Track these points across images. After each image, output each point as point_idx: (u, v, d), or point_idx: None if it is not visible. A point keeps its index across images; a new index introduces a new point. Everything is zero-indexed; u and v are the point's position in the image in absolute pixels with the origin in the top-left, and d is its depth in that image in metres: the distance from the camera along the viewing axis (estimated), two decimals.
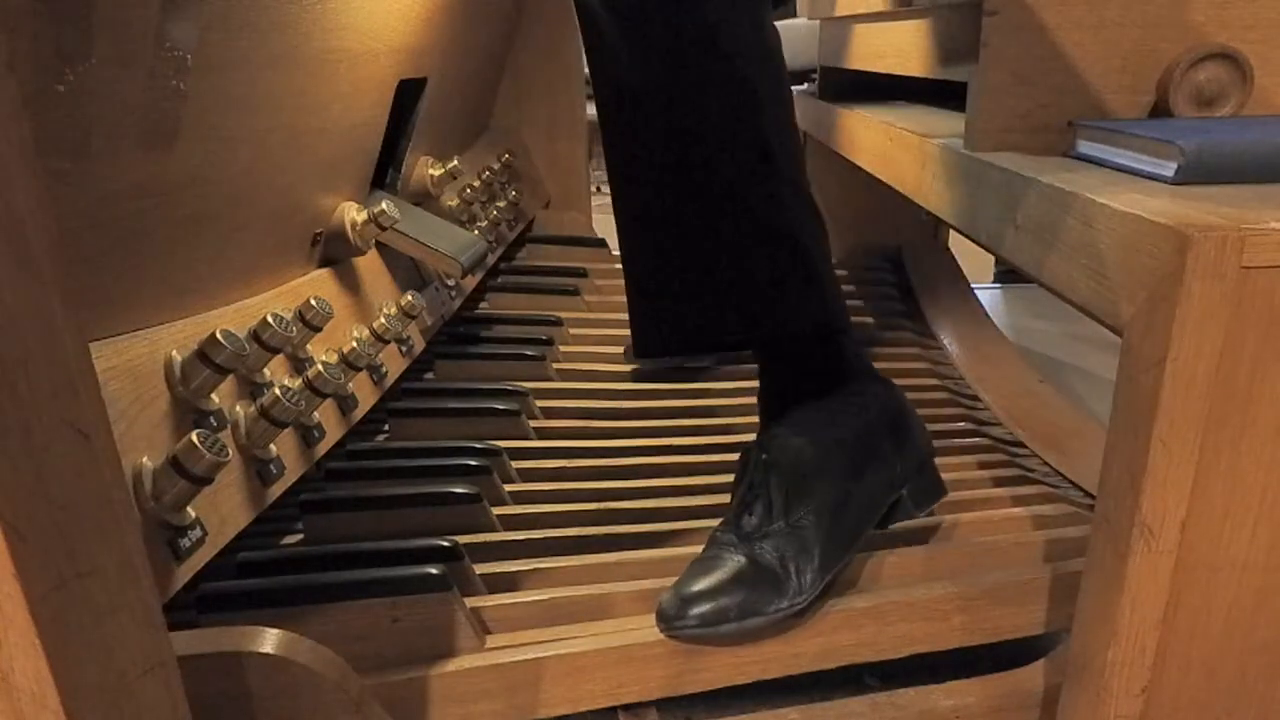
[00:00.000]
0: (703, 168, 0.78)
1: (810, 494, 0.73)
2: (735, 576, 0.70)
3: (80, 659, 0.38)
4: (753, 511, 0.73)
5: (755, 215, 0.77)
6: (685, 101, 0.78)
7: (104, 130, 0.54)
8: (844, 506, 0.74)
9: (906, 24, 1.14)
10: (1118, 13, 0.75)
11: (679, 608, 0.70)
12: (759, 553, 0.71)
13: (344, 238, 0.95)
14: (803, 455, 0.74)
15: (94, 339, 0.57)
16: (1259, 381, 0.51)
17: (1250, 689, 0.59)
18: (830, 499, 0.73)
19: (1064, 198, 0.62)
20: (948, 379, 1.32)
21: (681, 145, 0.78)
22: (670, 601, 0.71)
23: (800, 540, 0.72)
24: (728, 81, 0.77)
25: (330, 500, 0.86)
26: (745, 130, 0.78)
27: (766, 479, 0.74)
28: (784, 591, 0.70)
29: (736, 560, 0.71)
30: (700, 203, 0.78)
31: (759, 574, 0.70)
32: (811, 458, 0.74)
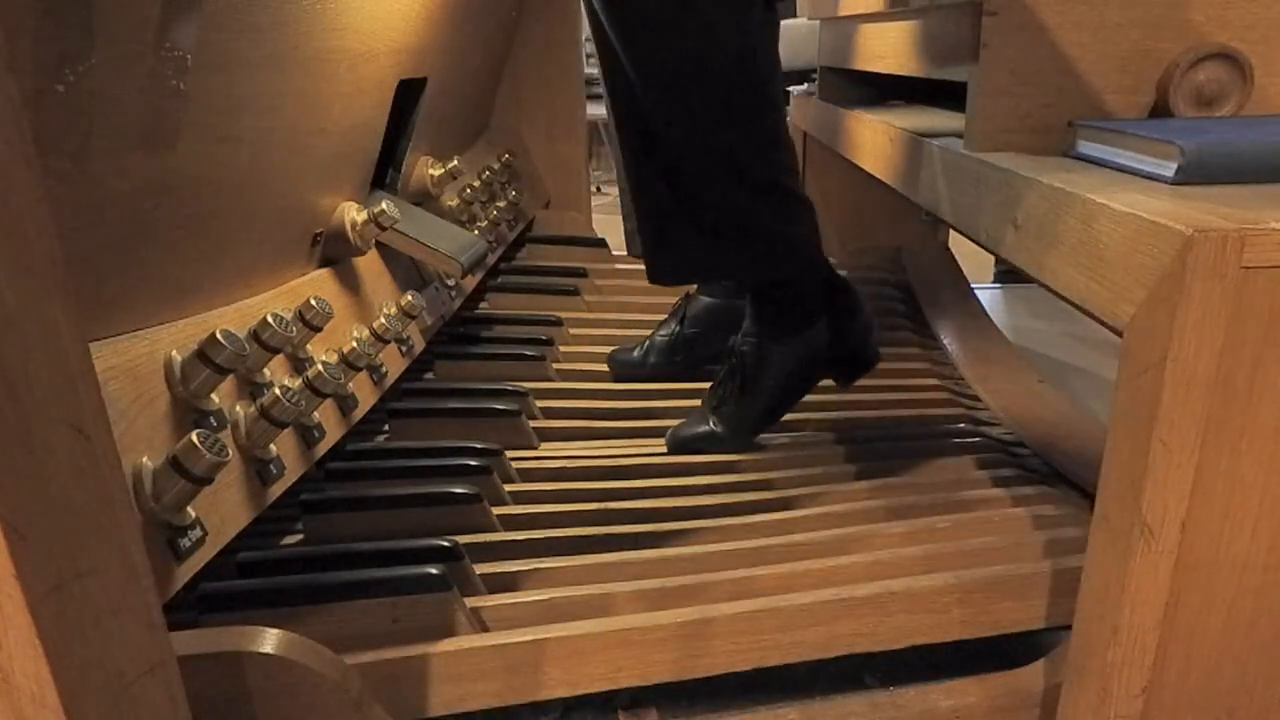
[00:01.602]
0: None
1: (753, 391, 1.06)
2: (703, 433, 1.08)
3: (80, 659, 0.38)
4: (716, 392, 1.09)
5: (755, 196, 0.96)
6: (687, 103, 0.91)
7: (104, 130, 0.54)
8: (765, 412, 1.08)
9: (906, 24, 1.14)
10: (1118, 13, 0.75)
11: (672, 443, 1.09)
12: (714, 420, 1.08)
13: (344, 238, 0.95)
14: (756, 364, 1.05)
15: (94, 339, 0.57)
16: (1259, 381, 0.51)
17: (1250, 689, 0.59)
18: (759, 406, 1.07)
19: (1064, 198, 0.62)
20: (948, 379, 1.32)
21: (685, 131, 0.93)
22: (669, 438, 1.09)
23: (732, 421, 1.07)
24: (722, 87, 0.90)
25: (330, 500, 0.86)
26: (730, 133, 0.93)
27: (732, 374, 1.06)
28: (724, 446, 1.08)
29: (705, 422, 1.08)
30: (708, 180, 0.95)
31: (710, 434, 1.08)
32: (760, 368, 1.05)
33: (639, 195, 1.00)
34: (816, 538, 0.88)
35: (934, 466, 1.04)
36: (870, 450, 1.08)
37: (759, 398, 1.05)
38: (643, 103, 0.92)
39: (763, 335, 1.04)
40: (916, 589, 0.77)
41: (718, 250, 0.98)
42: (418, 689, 0.69)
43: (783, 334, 1.04)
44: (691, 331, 1.27)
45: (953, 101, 0.96)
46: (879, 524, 0.91)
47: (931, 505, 0.94)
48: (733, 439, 1.07)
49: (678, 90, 0.90)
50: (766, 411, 1.07)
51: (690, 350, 1.27)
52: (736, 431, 1.07)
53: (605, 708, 0.76)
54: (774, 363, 1.04)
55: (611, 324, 1.44)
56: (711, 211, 0.96)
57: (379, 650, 0.69)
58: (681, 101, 0.91)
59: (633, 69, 0.91)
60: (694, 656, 0.74)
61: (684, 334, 1.27)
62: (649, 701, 0.77)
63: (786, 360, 1.04)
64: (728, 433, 1.06)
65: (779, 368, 1.04)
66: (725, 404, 1.07)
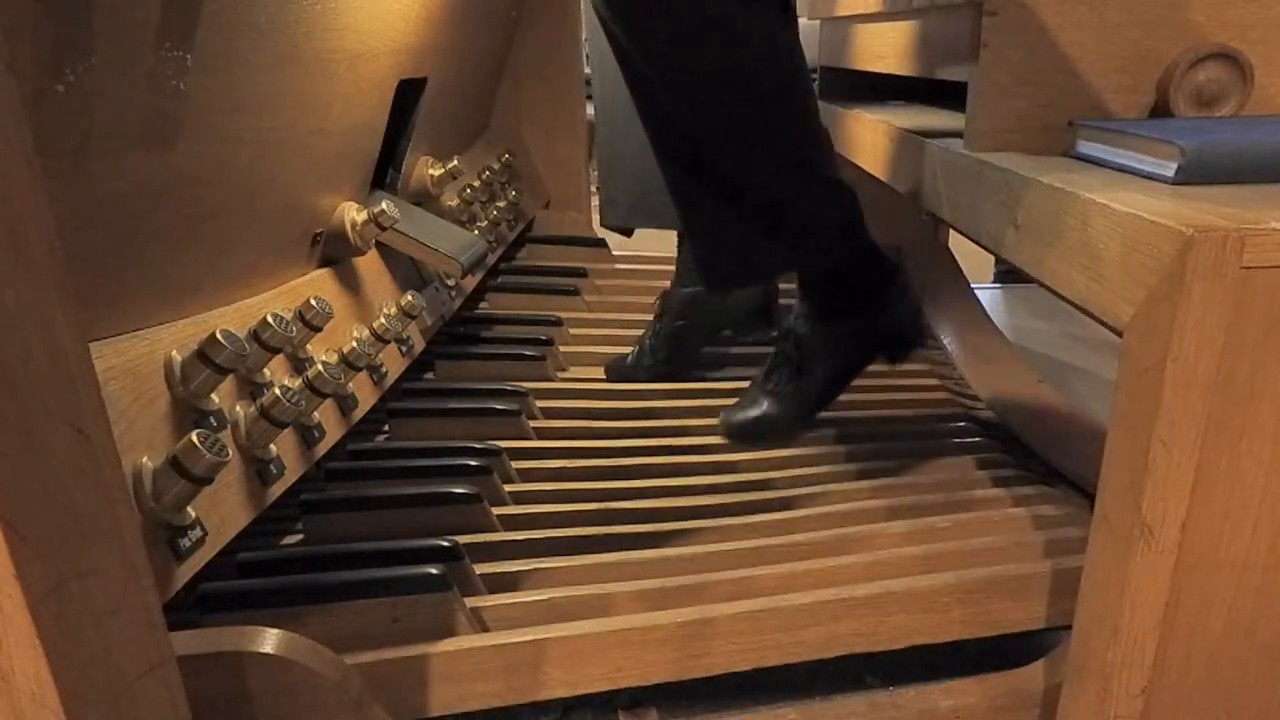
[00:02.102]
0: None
1: (810, 373, 1.06)
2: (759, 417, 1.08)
3: (80, 659, 0.38)
4: (772, 375, 1.09)
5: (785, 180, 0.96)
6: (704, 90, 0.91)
7: (104, 130, 0.54)
8: (823, 391, 1.08)
9: (906, 24, 1.14)
10: (1118, 13, 0.75)
11: (728, 427, 1.10)
12: (769, 403, 1.08)
13: (344, 238, 0.95)
14: (811, 346, 1.05)
15: (94, 339, 0.57)
16: (1259, 381, 0.51)
17: (1250, 689, 0.59)
18: (816, 386, 1.07)
19: (1064, 198, 0.62)
20: (948, 379, 1.32)
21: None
22: (723, 423, 1.10)
23: (791, 401, 1.08)
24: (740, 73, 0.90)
25: (330, 500, 0.86)
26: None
27: (788, 359, 1.07)
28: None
29: (761, 405, 1.09)
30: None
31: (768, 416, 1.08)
32: (815, 350, 1.05)
33: (685, 207, 1.00)
34: (816, 538, 0.88)
35: (934, 466, 1.04)
36: (870, 450, 1.08)
37: (815, 380, 1.05)
38: (671, 113, 0.92)
39: (816, 318, 1.04)
40: (916, 589, 0.77)
41: (768, 248, 0.98)
42: (418, 689, 0.69)
43: (835, 316, 1.04)
44: (679, 324, 1.27)
45: (953, 101, 0.96)
46: (879, 524, 0.91)
47: (931, 505, 0.94)
48: (789, 423, 1.07)
49: (705, 96, 0.90)
50: (823, 393, 1.07)
51: (682, 343, 1.27)
52: (793, 414, 1.07)
53: (605, 708, 0.76)
54: (829, 345, 1.04)
55: (611, 324, 1.44)
56: (754, 210, 0.96)
57: (379, 650, 0.69)
58: (710, 106, 0.91)
59: (660, 84, 0.90)
60: (694, 656, 0.74)
61: (672, 328, 1.27)
62: (649, 701, 0.77)
63: (841, 342, 1.04)
64: (784, 415, 1.06)
65: (834, 350, 1.04)
66: (782, 386, 1.07)
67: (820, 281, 1.05)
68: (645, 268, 1.65)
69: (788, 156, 0.94)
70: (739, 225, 0.98)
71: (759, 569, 0.82)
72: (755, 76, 0.90)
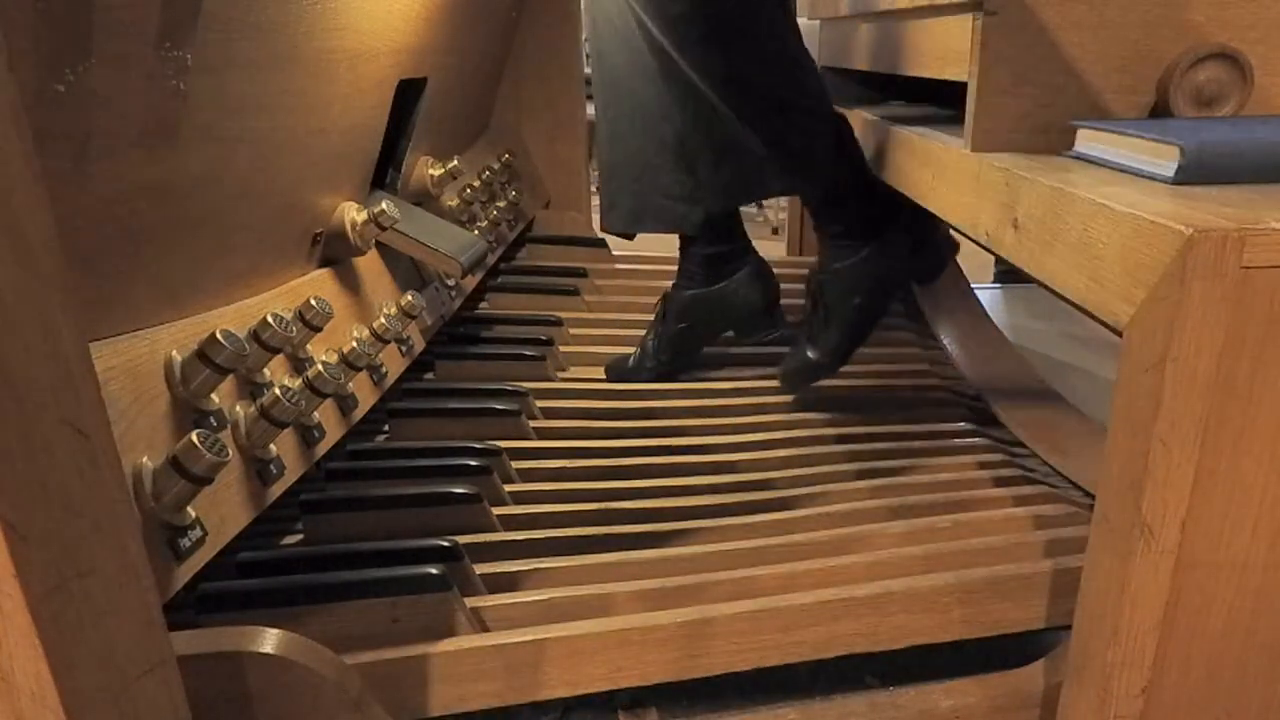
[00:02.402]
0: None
1: (839, 313, 1.11)
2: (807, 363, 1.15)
3: (80, 659, 0.38)
4: (810, 324, 1.14)
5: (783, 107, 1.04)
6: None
7: (104, 130, 0.54)
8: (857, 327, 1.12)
9: (907, 24, 1.14)
10: (1118, 13, 0.75)
11: (782, 377, 1.18)
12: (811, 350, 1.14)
13: (344, 238, 0.95)
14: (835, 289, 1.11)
15: (94, 339, 0.57)
16: (1259, 381, 0.51)
17: (1250, 689, 0.59)
18: (850, 320, 1.11)
19: (1064, 198, 0.62)
20: (948, 379, 1.32)
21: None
22: (780, 374, 1.19)
23: (833, 342, 1.12)
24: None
25: (330, 500, 0.86)
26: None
27: (817, 305, 1.12)
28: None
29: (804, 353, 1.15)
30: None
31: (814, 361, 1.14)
32: (839, 292, 1.10)
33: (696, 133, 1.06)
34: (816, 538, 0.88)
35: (934, 466, 1.04)
36: (870, 450, 1.08)
37: (845, 318, 1.10)
38: (660, 35, 0.99)
39: (833, 260, 1.10)
40: (916, 589, 0.77)
41: (756, 167, 1.05)
42: (418, 689, 0.69)
43: (849, 254, 1.09)
44: (680, 326, 1.27)
45: (953, 101, 0.96)
46: (879, 524, 0.91)
47: (931, 505, 0.95)
48: (833, 363, 1.13)
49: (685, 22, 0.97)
50: (856, 328, 1.12)
51: (683, 345, 1.27)
52: (835, 354, 1.12)
53: (605, 708, 0.76)
54: (849, 283, 1.09)
55: (611, 324, 1.44)
56: (741, 128, 1.01)
57: (379, 650, 0.69)
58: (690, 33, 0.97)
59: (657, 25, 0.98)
60: (694, 656, 0.74)
61: (673, 330, 1.27)
62: (649, 701, 0.77)
63: (861, 278, 1.09)
64: (827, 359, 1.12)
65: (855, 286, 1.09)
66: (818, 331, 1.12)
67: (830, 217, 1.10)
68: (645, 268, 1.65)
69: (762, 82, 1.01)
70: (726, 146, 1.04)
71: (759, 569, 0.82)
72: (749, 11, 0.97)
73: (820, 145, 1.06)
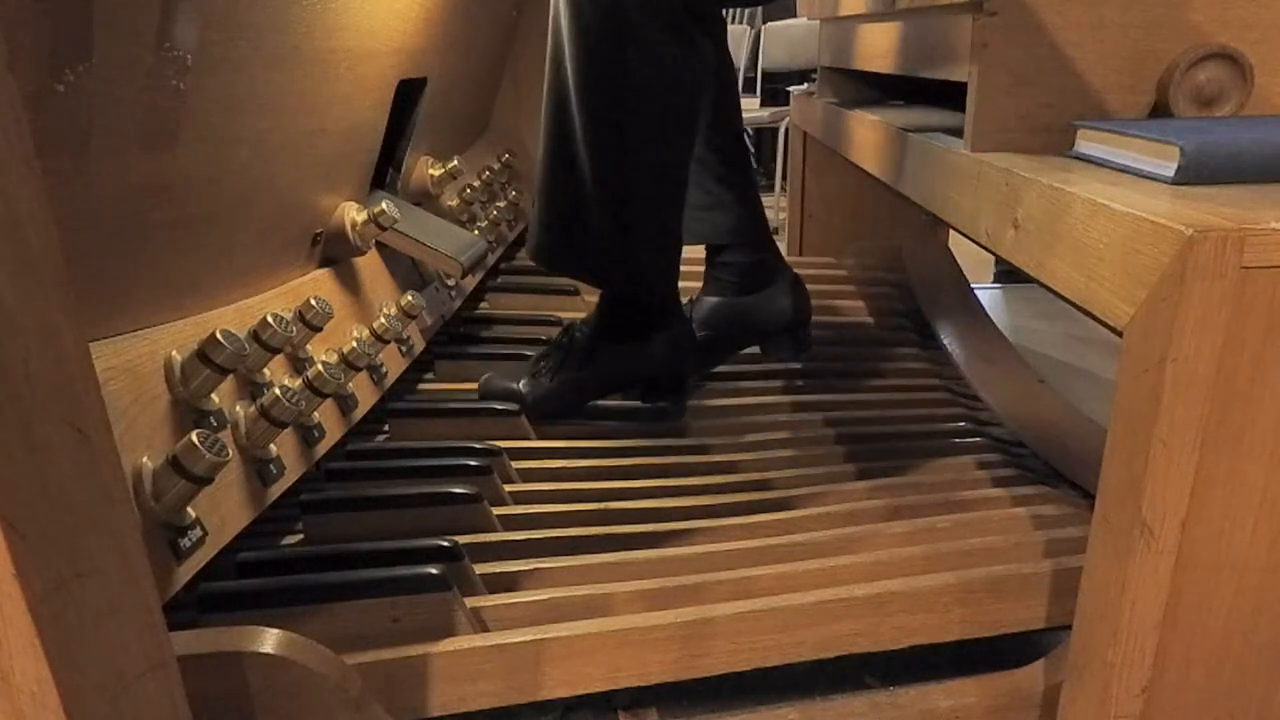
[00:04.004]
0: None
1: (569, 376, 1.10)
2: (509, 390, 1.11)
3: (80, 659, 0.38)
4: (541, 361, 1.12)
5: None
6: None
7: (104, 130, 0.54)
8: (573, 396, 1.11)
9: (906, 24, 1.14)
10: (1118, 13, 0.75)
11: (485, 387, 1.13)
12: (525, 382, 1.11)
13: (344, 238, 0.95)
14: (582, 352, 1.10)
15: (94, 339, 0.57)
16: (1259, 381, 0.51)
17: (1250, 689, 0.59)
18: (572, 389, 1.10)
19: (1064, 198, 0.62)
20: (948, 379, 1.32)
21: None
22: (483, 381, 1.13)
23: (545, 391, 1.10)
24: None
25: (330, 500, 0.86)
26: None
27: (558, 349, 1.11)
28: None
29: (520, 380, 1.11)
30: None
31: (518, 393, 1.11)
32: (583, 358, 1.09)
33: (546, 177, 1.02)
34: (816, 538, 0.88)
35: (934, 466, 1.04)
36: (870, 450, 1.08)
37: (569, 384, 1.10)
38: (571, 101, 0.97)
39: (598, 330, 1.09)
40: (916, 589, 0.77)
41: (595, 255, 1.03)
42: (418, 689, 0.69)
43: (615, 338, 1.09)
44: (704, 334, 1.21)
45: (953, 101, 0.96)
46: (879, 524, 0.91)
47: (931, 505, 0.94)
48: (532, 407, 1.09)
49: (600, 99, 0.94)
50: (571, 400, 1.11)
51: (707, 354, 1.23)
52: (538, 403, 1.09)
53: (605, 708, 0.76)
54: (598, 359, 1.09)
55: None
56: (598, 213, 0.99)
57: (379, 650, 0.69)
58: (601, 112, 0.95)
59: (571, 72, 0.96)
60: (694, 656, 0.74)
61: (697, 339, 1.21)
62: (649, 701, 0.77)
63: (610, 362, 1.09)
64: (531, 400, 1.09)
65: (599, 366, 1.09)
66: (541, 375, 1.10)
67: (618, 302, 1.09)
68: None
69: (639, 187, 0.99)
70: (576, 215, 1.02)
71: (759, 569, 0.82)
72: (647, 107, 0.95)
73: (653, 263, 1.04)
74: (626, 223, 1.00)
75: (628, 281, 1.06)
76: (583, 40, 0.93)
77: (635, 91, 0.94)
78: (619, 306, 1.09)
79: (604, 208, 0.99)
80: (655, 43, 0.92)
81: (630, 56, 0.92)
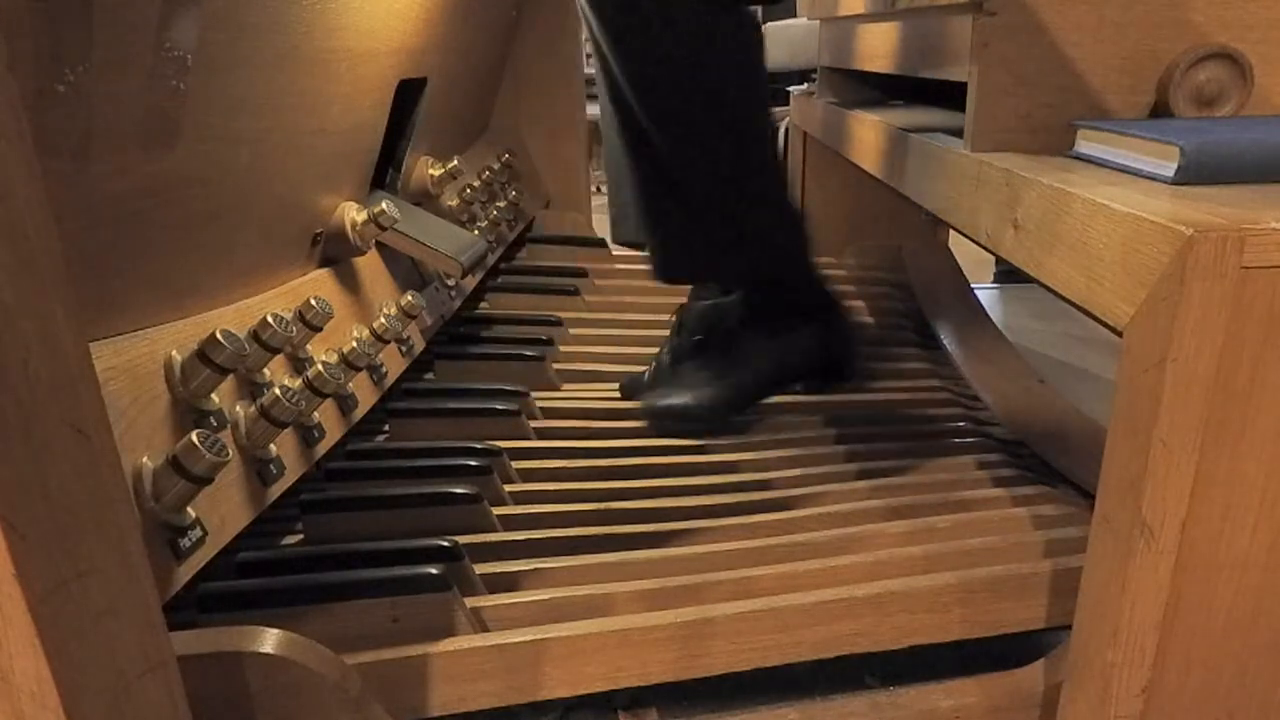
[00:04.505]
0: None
1: (728, 377, 1.09)
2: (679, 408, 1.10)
3: (80, 659, 0.38)
4: (690, 364, 1.12)
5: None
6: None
7: (104, 130, 0.54)
8: (745, 396, 1.11)
9: (906, 24, 1.14)
10: (1118, 13, 0.75)
11: (650, 412, 1.11)
12: (690, 393, 1.09)
13: (344, 238, 0.95)
14: (736, 351, 1.10)
15: (94, 339, 0.57)
16: (1259, 381, 0.51)
17: (1251, 689, 0.59)
18: (737, 388, 1.09)
19: (1064, 198, 0.62)
20: (948, 379, 1.32)
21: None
22: (644, 407, 1.12)
23: (712, 398, 1.09)
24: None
25: (330, 500, 0.86)
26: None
27: (707, 352, 1.11)
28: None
29: (682, 394, 1.10)
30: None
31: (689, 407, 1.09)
32: (738, 357, 1.09)
33: (642, 200, 1.03)
34: (816, 538, 0.88)
35: (934, 466, 1.04)
36: (870, 450, 1.08)
37: (731, 385, 1.09)
38: (634, 107, 0.96)
39: (751, 322, 1.08)
40: (916, 589, 0.77)
41: (710, 253, 1.03)
42: (418, 689, 0.69)
43: (764, 330, 1.08)
44: (695, 340, 1.22)
45: (953, 101, 0.96)
46: (879, 524, 0.91)
47: (931, 505, 0.94)
48: (709, 418, 1.08)
49: (661, 95, 0.94)
50: (739, 399, 1.10)
51: (699, 358, 1.23)
52: (713, 412, 1.08)
53: (605, 708, 0.76)
54: (751, 355, 1.08)
55: (611, 324, 1.44)
56: (701, 216, 1.00)
57: (379, 650, 0.69)
58: (666, 106, 0.94)
59: (621, 75, 0.94)
60: (694, 656, 0.74)
61: (688, 343, 1.22)
62: (649, 701, 0.77)
63: (764, 356, 1.08)
64: (704, 410, 1.08)
65: (756, 362, 1.08)
66: (704, 381, 1.08)
67: (759, 293, 1.09)
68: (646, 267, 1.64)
69: (731, 169, 0.98)
70: (684, 227, 1.02)
71: (759, 569, 0.82)
72: (711, 87, 0.94)
73: (781, 241, 1.04)
74: (734, 210, 0.99)
75: (762, 265, 1.04)
76: (623, 51, 0.93)
77: (689, 80, 0.93)
78: (764, 300, 1.08)
79: (709, 204, 0.99)
80: (688, 22, 0.91)
81: (672, 48, 0.92)
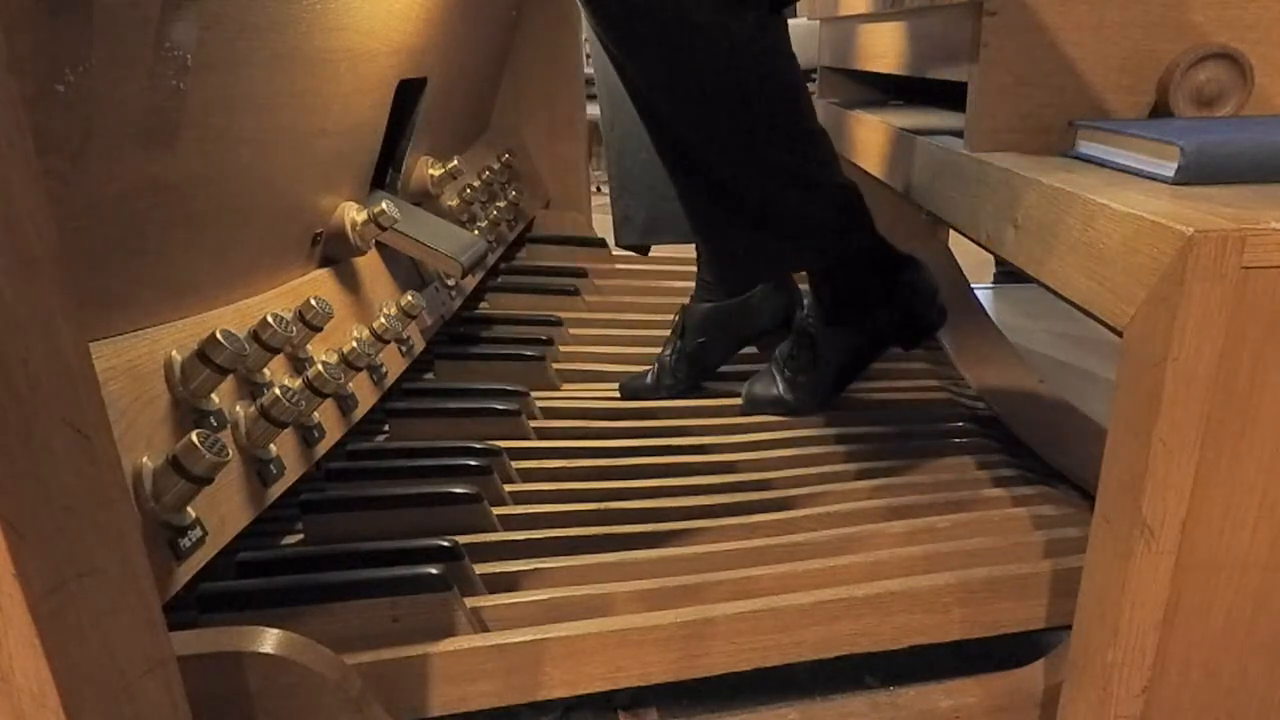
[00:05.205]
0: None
1: (819, 369, 1.14)
2: (774, 398, 1.17)
3: (80, 659, 0.38)
4: (790, 362, 1.16)
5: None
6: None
7: (104, 130, 0.54)
8: (837, 380, 1.17)
9: (906, 24, 1.14)
10: (1118, 13, 0.75)
11: (751, 402, 1.18)
12: (785, 388, 1.17)
13: (344, 238, 0.95)
14: (822, 344, 1.13)
15: (94, 339, 0.57)
16: (1259, 381, 0.51)
17: (1251, 689, 0.59)
18: (830, 377, 1.15)
19: (1064, 198, 0.62)
20: (948, 379, 1.32)
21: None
22: (746, 397, 1.19)
23: (807, 390, 1.16)
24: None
25: (330, 500, 0.86)
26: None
27: (801, 348, 1.14)
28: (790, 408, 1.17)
29: (779, 388, 1.17)
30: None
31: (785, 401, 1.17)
32: (825, 348, 1.13)
33: (690, 211, 1.03)
34: (816, 538, 0.88)
35: (934, 466, 1.04)
36: (870, 450, 1.08)
37: (829, 372, 1.14)
38: (666, 117, 0.94)
39: (825, 316, 1.11)
40: (916, 589, 0.77)
41: (770, 249, 1.03)
42: (418, 689, 0.69)
43: (844, 313, 1.09)
44: (697, 341, 1.23)
45: (953, 101, 0.96)
46: (879, 524, 0.91)
47: (931, 505, 0.94)
48: (802, 409, 1.16)
49: (693, 103, 0.92)
50: (837, 382, 1.16)
51: (701, 360, 1.24)
52: (806, 403, 1.16)
53: (605, 708, 0.76)
54: (837, 344, 1.12)
55: (611, 324, 1.44)
56: (752, 213, 0.99)
57: (379, 650, 0.69)
58: (698, 112, 0.92)
59: (645, 87, 0.93)
60: (694, 656, 0.74)
61: (690, 345, 1.23)
62: (649, 701, 0.77)
63: (850, 342, 1.11)
64: (798, 403, 1.16)
65: (842, 348, 1.12)
66: (798, 375, 1.15)
67: (826, 278, 1.08)
68: (646, 268, 1.65)
69: (778, 161, 0.96)
70: (741, 228, 1.01)
71: (759, 569, 0.82)
72: (742, 84, 0.92)
73: (831, 222, 1.02)
74: (794, 204, 0.99)
75: (825, 254, 1.05)
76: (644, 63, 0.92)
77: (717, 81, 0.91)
78: (830, 280, 1.09)
79: (767, 204, 0.98)
80: (707, 26, 0.89)
81: (694, 53, 0.90)
